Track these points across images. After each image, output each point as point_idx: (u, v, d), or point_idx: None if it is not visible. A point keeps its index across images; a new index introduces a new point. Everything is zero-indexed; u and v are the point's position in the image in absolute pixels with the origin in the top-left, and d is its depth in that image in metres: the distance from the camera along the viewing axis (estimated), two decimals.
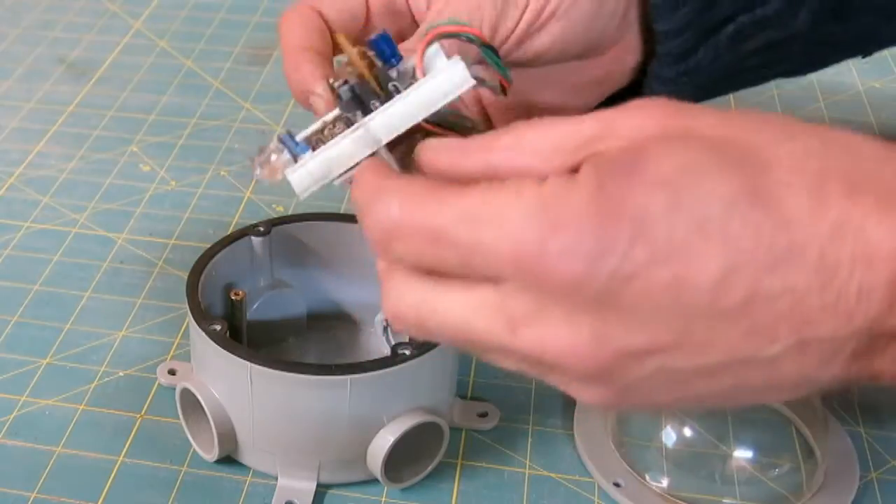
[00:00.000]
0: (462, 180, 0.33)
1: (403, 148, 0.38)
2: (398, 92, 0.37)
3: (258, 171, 0.39)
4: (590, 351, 0.31)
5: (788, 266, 0.30)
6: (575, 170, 0.32)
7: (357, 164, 0.37)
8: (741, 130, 0.32)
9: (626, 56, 0.51)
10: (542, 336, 0.32)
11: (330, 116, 0.39)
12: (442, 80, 0.37)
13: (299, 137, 0.39)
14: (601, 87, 0.52)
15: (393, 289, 0.34)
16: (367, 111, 0.37)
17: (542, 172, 0.32)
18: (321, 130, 0.39)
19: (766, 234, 0.30)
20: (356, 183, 0.36)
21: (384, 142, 0.37)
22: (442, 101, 0.37)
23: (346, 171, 0.38)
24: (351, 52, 0.38)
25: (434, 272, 0.34)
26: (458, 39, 0.40)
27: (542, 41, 0.46)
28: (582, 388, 0.33)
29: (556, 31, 0.46)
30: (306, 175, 0.38)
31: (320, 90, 0.42)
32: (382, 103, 0.37)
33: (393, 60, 0.37)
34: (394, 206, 0.33)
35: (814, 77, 0.82)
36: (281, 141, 0.38)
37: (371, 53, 0.38)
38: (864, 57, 0.58)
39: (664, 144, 0.31)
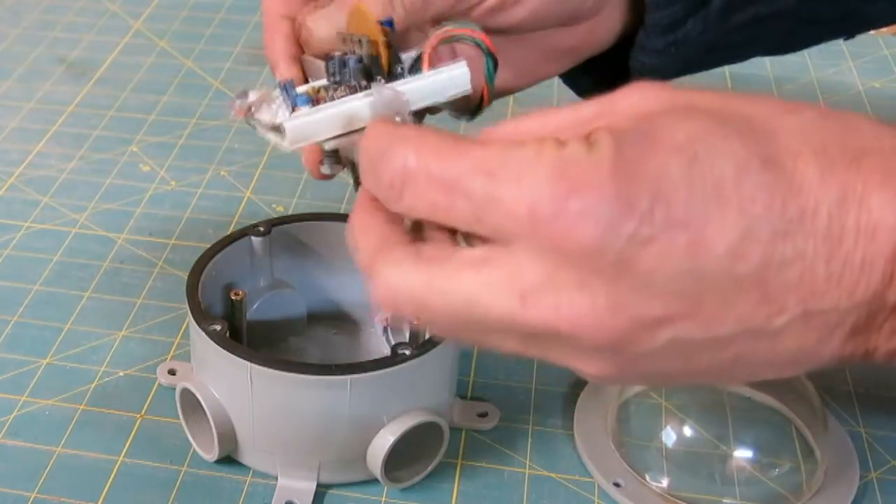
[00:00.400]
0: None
1: None
2: (402, 75, 0.38)
3: (238, 104, 0.39)
4: (606, 320, 0.31)
5: (799, 232, 0.30)
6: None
7: (358, 129, 0.37)
8: (742, 104, 0.32)
9: (604, 26, 0.51)
10: (557, 304, 0.31)
11: (320, 83, 0.40)
12: (446, 77, 0.38)
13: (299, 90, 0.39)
14: (575, 56, 0.52)
15: (391, 271, 0.33)
16: (368, 85, 0.38)
17: None
18: (316, 91, 0.39)
19: (778, 198, 0.30)
20: (368, 133, 0.35)
21: (384, 113, 0.37)
22: (440, 97, 0.38)
23: (345, 134, 0.38)
24: (374, 27, 0.38)
25: (441, 229, 0.33)
26: (466, 43, 0.40)
27: (518, 12, 0.46)
28: (588, 360, 0.33)
29: (535, 2, 0.47)
30: (304, 126, 0.38)
31: (283, 68, 0.44)
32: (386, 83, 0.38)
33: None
34: (410, 154, 0.33)
35: (814, 77, 0.82)
36: (283, 88, 0.38)
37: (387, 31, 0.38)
38: (847, 38, 0.59)
39: (673, 115, 0.31)
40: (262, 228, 0.53)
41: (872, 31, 0.91)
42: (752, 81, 0.82)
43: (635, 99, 0.33)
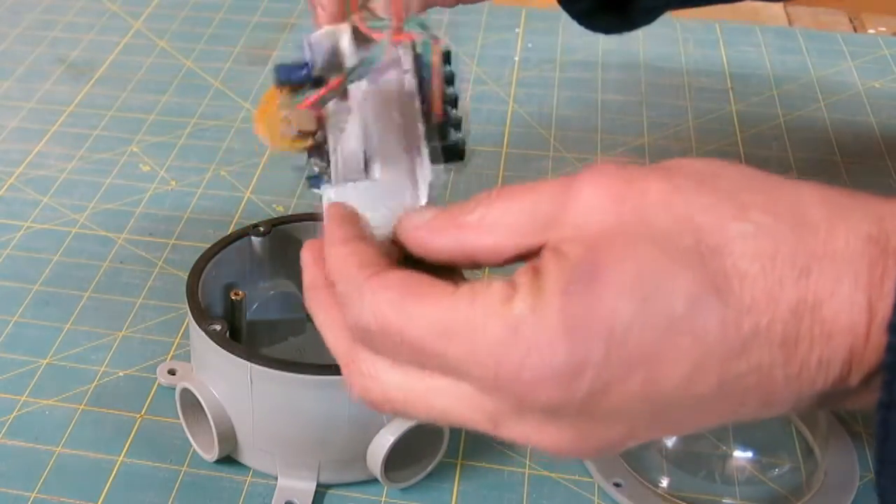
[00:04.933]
0: (437, 256, 0.35)
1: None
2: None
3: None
4: (574, 447, 0.33)
5: (754, 346, 0.31)
6: (536, 253, 0.33)
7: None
8: (692, 208, 0.32)
9: None
10: (526, 433, 0.33)
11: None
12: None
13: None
14: None
15: (366, 372, 0.35)
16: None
17: (507, 250, 0.34)
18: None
19: (731, 324, 0.31)
20: (331, 265, 0.36)
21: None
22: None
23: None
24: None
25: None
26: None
27: None
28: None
29: None
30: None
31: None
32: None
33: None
34: (368, 313, 0.34)
35: (814, 77, 0.82)
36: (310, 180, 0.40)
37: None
38: None
39: (620, 248, 0.31)
40: (262, 228, 0.53)
41: (871, 31, 0.91)
42: (753, 81, 0.82)
43: (591, 204, 0.33)
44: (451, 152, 0.40)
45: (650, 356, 0.31)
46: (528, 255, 0.34)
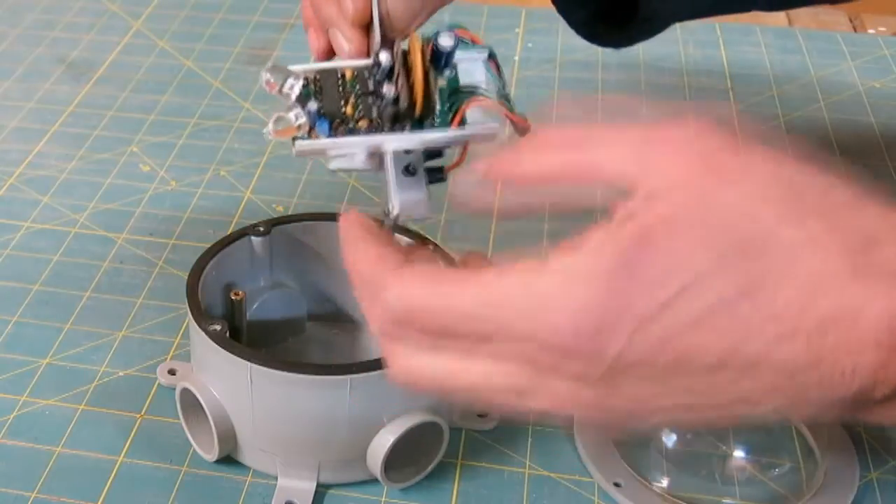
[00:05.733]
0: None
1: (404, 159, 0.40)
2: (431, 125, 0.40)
3: (271, 127, 0.40)
4: (591, 409, 0.34)
5: (779, 352, 0.32)
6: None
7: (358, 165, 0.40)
8: (755, 203, 0.33)
9: None
10: (550, 399, 0.34)
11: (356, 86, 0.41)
12: (476, 134, 0.39)
13: (314, 107, 0.40)
14: None
15: (404, 355, 0.36)
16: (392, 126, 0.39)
17: (610, 173, 0.35)
18: (338, 123, 0.40)
19: (756, 326, 0.32)
20: (356, 255, 0.38)
21: (390, 156, 0.40)
22: (462, 142, 0.40)
23: (346, 166, 0.40)
24: (416, 44, 0.40)
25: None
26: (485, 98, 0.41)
27: None
28: None
29: None
30: (310, 147, 0.40)
31: (347, 29, 0.43)
32: (398, 92, 0.39)
33: (446, 71, 0.40)
34: (413, 294, 0.35)
35: (814, 77, 0.82)
36: (307, 113, 0.40)
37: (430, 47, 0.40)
38: (833, 3, 0.60)
39: (676, 232, 0.33)
40: (262, 228, 0.53)
41: (871, 31, 0.91)
42: (753, 81, 0.82)
43: (674, 175, 0.34)
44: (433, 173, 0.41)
45: (678, 341, 0.32)
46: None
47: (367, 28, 0.43)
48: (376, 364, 0.46)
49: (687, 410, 0.34)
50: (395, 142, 0.39)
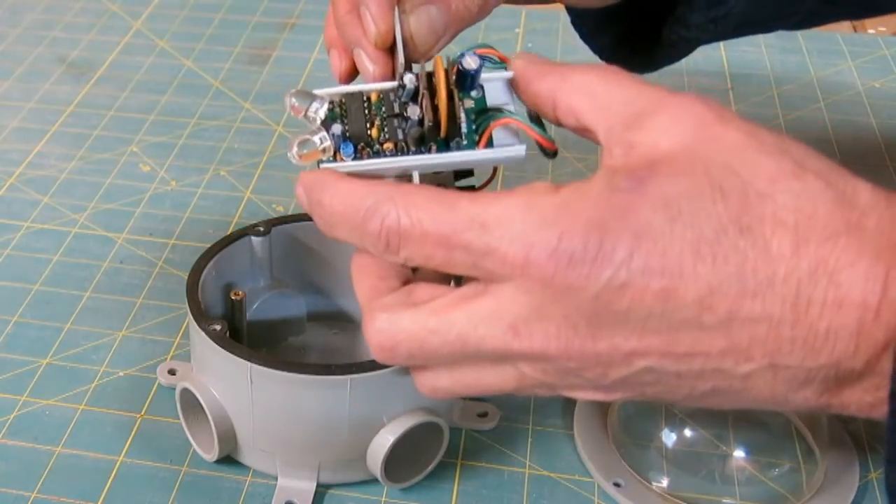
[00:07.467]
0: (528, 95, 0.38)
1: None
2: (457, 147, 0.40)
3: (295, 150, 0.40)
4: (589, 346, 0.34)
5: (768, 294, 0.32)
6: (590, 132, 0.37)
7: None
8: (758, 157, 0.34)
9: None
10: (546, 332, 0.34)
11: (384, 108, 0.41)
12: (501, 157, 0.40)
13: (336, 129, 0.40)
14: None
15: (383, 317, 0.37)
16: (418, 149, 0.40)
17: (587, 118, 0.37)
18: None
19: (749, 262, 0.32)
20: (341, 191, 0.38)
21: (416, 178, 0.40)
22: (488, 164, 0.41)
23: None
24: (439, 65, 0.40)
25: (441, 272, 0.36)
26: (512, 118, 0.41)
27: None
28: (577, 385, 0.37)
29: None
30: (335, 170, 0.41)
31: (371, 51, 0.43)
32: (423, 115, 0.39)
33: (473, 92, 0.40)
34: (401, 212, 0.36)
35: (814, 77, 0.82)
36: (331, 136, 0.40)
37: (454, 71, 0.40)
38: (854, 20, 0.61)
39: (677, 168, 0.33)
40: (262, 228, 0.53)
41: (871, 31, 0.91)
42: (753, 81, 0.82)
43: (675, 121, 0.35)
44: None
45: (669, 269, 0.32)
46: (589, 134, 0.37)
47: (391, 50, 0.43)
48: (376, 364, 0.46)
49: (675, 375, 0.34)
50: (421, 163, 0.40)
